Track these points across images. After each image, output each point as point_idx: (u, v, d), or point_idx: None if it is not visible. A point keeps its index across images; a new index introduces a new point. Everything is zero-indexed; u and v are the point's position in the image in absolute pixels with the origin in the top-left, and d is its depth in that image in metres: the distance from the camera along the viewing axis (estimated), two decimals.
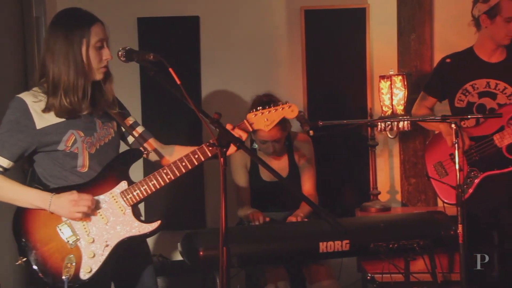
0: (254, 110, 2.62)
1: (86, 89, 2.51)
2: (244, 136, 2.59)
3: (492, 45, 3.47)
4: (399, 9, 4.38)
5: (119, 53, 2.48)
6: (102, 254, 2.50)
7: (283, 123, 3.34)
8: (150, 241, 4.14)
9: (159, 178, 2.55)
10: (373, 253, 3.20)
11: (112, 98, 2.63)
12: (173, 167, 2.55)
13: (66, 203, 2.44)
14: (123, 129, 2.75)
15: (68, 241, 2.49)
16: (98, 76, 2.55)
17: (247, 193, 3.70)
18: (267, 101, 3.17)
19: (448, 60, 3.60)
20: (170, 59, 2.27)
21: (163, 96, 4.29)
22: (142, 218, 2.60)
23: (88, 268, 2.47)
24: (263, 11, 4.49)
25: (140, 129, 2.78)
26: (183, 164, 2.55)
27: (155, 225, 2.55)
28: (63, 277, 2.42)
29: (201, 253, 2.97)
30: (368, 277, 3.61)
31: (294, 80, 4.45)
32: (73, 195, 2.45)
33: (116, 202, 2.54)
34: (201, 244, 2.99)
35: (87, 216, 2.49)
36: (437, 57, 4.29)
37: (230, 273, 2.25)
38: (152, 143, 2.79)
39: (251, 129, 2.62)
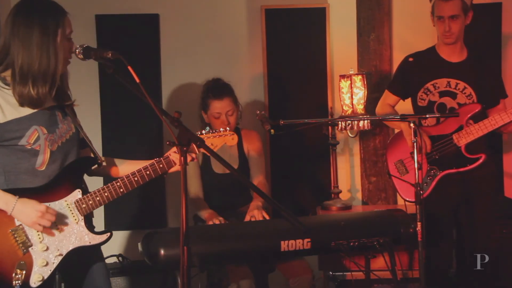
0: (200, 134, 2.75)
1: (55, 80, 2.47)
2: (189, 158, 2.61)
3: (444, 44, 3.52)
4: (359, 10, 4.42)
5: (77, 50, 2.45)
6: (54, 262, 2.46)
7: (234, 96, 3.73)
8: (110, 241, 4.11)
9: (112, 191, 2.57)
10: (334, 251, 3.22)
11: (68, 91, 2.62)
12: (126, 181, 2.59)
13: (31, 212, 2.39)
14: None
15: (20, 247, 2.43)
16: (63, 68, 2.51)
17: (199, 188, 3.73)
18: (216, 85, 3.73)
19: (410, 59, 3.65)
20: (129, 57, 2.24)
21: (122, 95, 4.24)
22: (94, 227, 2.61)
23: (40, 276, 2.43)
24: (224, 10, 4.48)
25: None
26: (135, 179, 2.61)
27: (104, 237, 2.58)
28: (15, 285, 2.36)
29: (161, 253, 2.95)
30: (330, 275, 3.64)
31: (255, 79, 4.45)
32: (41, 206, 2.40)
33: (71, 211, 2.51)
34: (162, 244, 2.97)
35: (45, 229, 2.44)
36: (396, 57, 4.34)
37: (191, 272, 2.24)
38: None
39: (197, 152, 2.69)
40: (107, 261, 3.89)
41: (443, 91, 3.52)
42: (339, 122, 4.08)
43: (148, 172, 2.62)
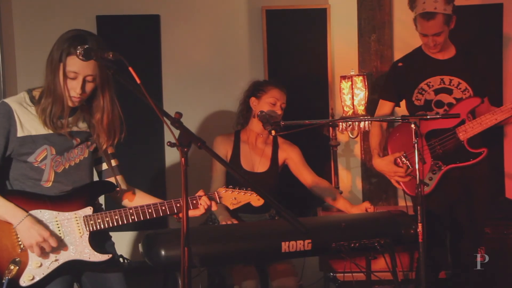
0: (225, 187, 2.80)
1: (57, 111, 2.55)
2: (205, 205, 2.71)
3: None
4: (359, 10, 4.42)
5: (78, 51, 2.45)
6: (49, 267, 2.50)
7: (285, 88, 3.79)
8: None
9: (123, 216, 2.61)
10: (335, 252, 3.22)
11: (106, 129, 2.71)
12: (140, 211, 2.64)
13: (34, 233, 2.44)
14: (100, 155, 2.78)
15: (20, 243, 2.47)
16: (71, 103, 2.58)
17: (222, 181, 3.67)
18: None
19: (400, 64, 3.66)
20: (130, 58, 2.24)
21: (123, 96, 4.23)
22: (104, 246, 2.67)
23: (31, 276, 2.46)
24: (225, 10, 4.48)
25: (114, 162, 2.81)
26: (149, 211, 2.65)
27: (105, 257, 2.61)
28: (4, 279, 2.40)
29: (162, 253, 2.95)
30: (330, 276, 3.63)
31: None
32: (45, 232, 2.45)
33: (77, 223, 2.56)
34: (163, 244, 2.97)
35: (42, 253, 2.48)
36: (397, 58, 4.32)
37: (192, 273, 2.24)
38: (119, 179, 2.81)
39: (219, 202, 2.77)
40: None
41: (438, 88, 3.52)
42: (340, 123, 4.08)
43: (163, 208, 2.67)
